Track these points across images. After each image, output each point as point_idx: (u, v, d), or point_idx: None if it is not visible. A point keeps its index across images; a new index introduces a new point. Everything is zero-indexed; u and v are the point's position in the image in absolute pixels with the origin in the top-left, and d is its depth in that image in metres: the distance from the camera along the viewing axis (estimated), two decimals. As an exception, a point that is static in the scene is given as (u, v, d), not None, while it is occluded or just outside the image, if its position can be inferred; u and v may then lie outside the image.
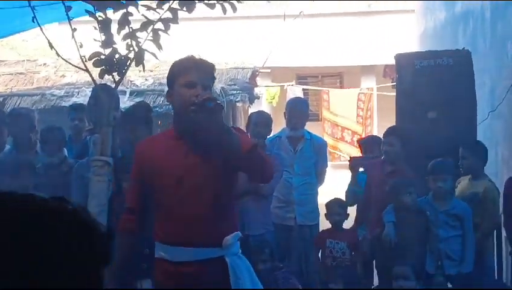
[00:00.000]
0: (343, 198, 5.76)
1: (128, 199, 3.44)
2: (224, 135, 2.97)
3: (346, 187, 6.20)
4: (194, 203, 3.13)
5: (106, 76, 4.78)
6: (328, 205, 5.52)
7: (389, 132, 5.60)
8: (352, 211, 5.81)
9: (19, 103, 10.31)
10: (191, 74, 3.12)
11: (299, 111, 5.81)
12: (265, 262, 4.78)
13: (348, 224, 5.73)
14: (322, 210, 6.01)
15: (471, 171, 5.38)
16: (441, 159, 5.19)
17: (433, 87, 6.32)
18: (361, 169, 5.72)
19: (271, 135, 5.98)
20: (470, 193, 5.29)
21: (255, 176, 3.35)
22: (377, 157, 5.57)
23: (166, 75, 7.89)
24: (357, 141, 5.90)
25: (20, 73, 11.90)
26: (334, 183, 8.47)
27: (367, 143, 5.96)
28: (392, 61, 6.72)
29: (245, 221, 4.90)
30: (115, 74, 4.70)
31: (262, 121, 5.50)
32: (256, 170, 3.15)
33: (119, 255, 3.35)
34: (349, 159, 5.68)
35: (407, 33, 14.69)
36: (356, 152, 16.16)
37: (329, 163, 6.39)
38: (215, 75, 3.28)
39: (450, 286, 5.15)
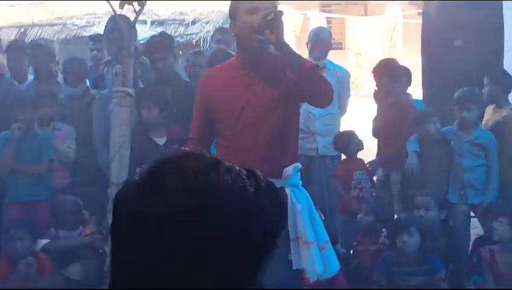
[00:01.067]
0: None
1: (193, 129, 3.49)
2: (285, 49, 3.03)
3: (369, 117, 6.18)
4: (255, 133, 3.18)
5: (126, 5, 4.72)
6: (342, 138, 5.49)
7: (376, 69, 5.57)
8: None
9: (40, 33, 10.28)
10: (252, 0, 3.14)
11: (321, 40, 5.70)
12: None
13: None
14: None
15: (493, 99, 5.28)
16: (467, 88, 5.09)
17: (459, 14, 6.18)
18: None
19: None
20: (492, 122, 5.22)
21: (317, 99, 3.29)
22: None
23: (187, 3, 7.72)
24: (372, 70, 5.77)
25: (41, 3, 11.81)
26: (357, 113, 8.41)
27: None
28: (418, -12, 6.54)
29: None
30: (135, 3, 4.65)
31: None
32: (318, 90, 3.14)
33: None
34: (374, 91, 5.59)
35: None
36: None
37: (352, 92, 6.29)
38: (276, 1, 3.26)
39: (472, 214, 5.15)
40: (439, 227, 4.85)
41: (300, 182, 3.34)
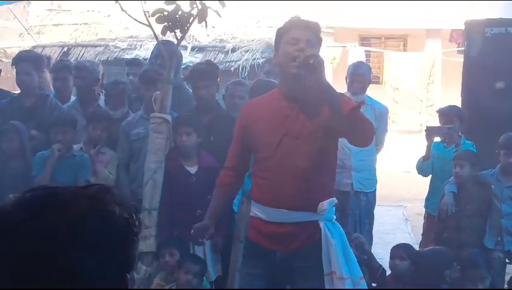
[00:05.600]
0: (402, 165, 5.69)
1: (229, 158, 3.58)
2: (326, 90, 3.05)
3: (404, 152, 6.10)
4: (293, 165, 3.19)
5: (168, 32, 4.76)
6: None
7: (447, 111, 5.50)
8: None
9: (83, 54, 10.46)
10: (294, 31, 3.22)
11: (361, 75, 5.67)
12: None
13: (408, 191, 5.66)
14: (380, 177, 5.93)
15: None
16: (513, 133, 5.00)
17: (503, 56, 6.12)
18: (437, 139, 5.50)
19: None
20: None
21: (356, 139, 3.29)
22: (453, 128, 5.37)
23: (228, 31, 7.78)
24: (436, 111, 5.72)
25: (85, 23, 12.04)
26: (393, 149, 8.34)
27: (445, 112, 5.71)
28: (459, 26, 6.51)
29: None
30: (177, 30, 4.69)
31: None
32: (357, 132, 3.15)
33: (213, 205, 3.62)
34: (425, 128, 5.51)
35: (477, -3, 14.18)
36: (416, 117, 15.90)
37: (388, 128, 6.23)
38: (320, 35, 3.31)
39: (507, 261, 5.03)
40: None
41: (334, 216, 3.33)
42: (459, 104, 6.27)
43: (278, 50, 3.28)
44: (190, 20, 4.60)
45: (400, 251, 4.65)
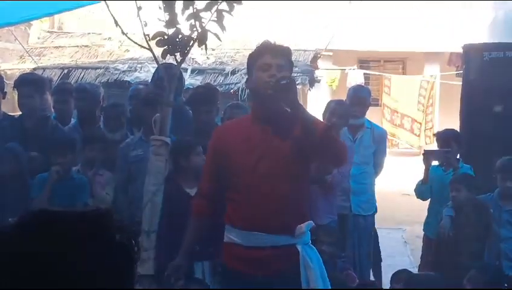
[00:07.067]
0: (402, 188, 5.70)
1: (201, 185, 3.57)
2: (299, 111, 3.08)
3: (403, 175, 6.11)
4: (270, 187, 3.19)
5: (168, 55, 4.79)
6: None
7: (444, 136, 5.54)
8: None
9: (83, 76, 10.49)
10: (265, 57, 3.24)
11: (361, 99, 5.69)
12: (329, 247, 4.74)
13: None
14: (379, 199, 5.93)
15: None
16: (510, 157, 5.01)
17: (501, 80, 6.16)
18: (435, 162, 5.52)
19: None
20: None
21: (329, 159, 3.34)
22: (450, 151, 5.38)
23: (228, 53, 7.85)
24: (433, 134, 5.77)
25: (85, 46, 12.11)
26: (392, 171, 8.35)
27: (443, 136, 5.72)
28: (458, 49, 6.56)
29: (312, 210, 4.80)
30: (177, 54, 4.71)
31: (340, 112, 5.17)
32: (330, 152, 3.17)
33: (189, 237, 3.59)
34: (423, 152, 5.52)
35: (475, 20, 14.29)
36: (415, 140, 15.93)
37: (387, 150, 6.24)
38: (292, 59, 3.34)
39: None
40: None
41: (310, 240, 3.33)
42: (457, 127, 6.31)
43: (251, 74, 3.32)
44: (190, 44, 4.63)
45: (401, 276, 4.66)
